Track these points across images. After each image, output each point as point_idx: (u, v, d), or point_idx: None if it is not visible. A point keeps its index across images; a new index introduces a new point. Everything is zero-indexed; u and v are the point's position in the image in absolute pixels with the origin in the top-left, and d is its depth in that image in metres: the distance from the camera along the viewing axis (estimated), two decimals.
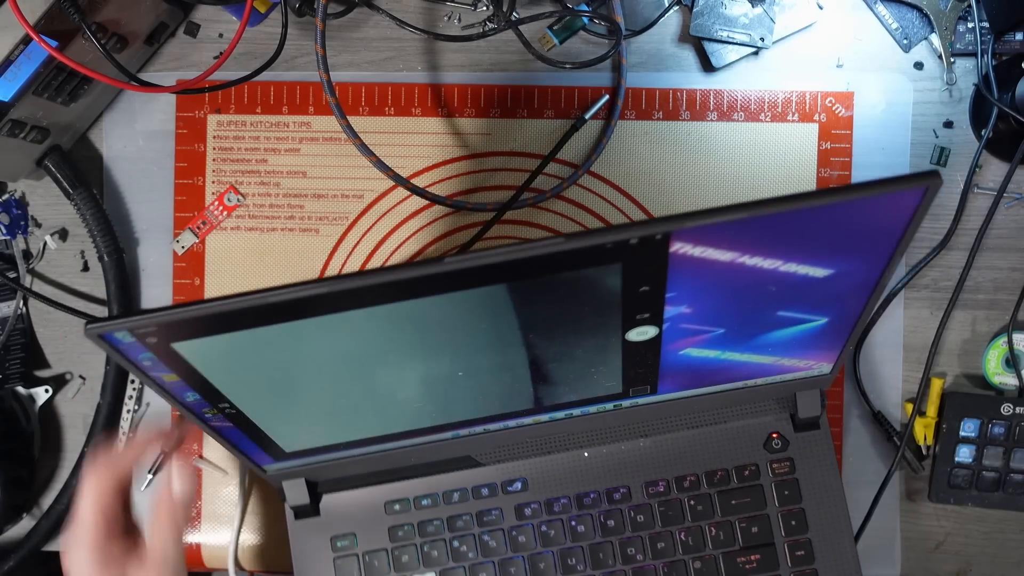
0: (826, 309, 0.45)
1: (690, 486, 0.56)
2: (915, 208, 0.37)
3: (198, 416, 0.46)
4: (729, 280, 0.41)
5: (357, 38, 0.62)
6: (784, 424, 0.56)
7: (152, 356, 0.40)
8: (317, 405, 0.48)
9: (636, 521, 0.55)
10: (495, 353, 0.45)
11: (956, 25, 0.59)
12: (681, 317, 0.44)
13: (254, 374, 0.43)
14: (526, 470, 0.57)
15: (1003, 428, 0.58)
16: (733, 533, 0.55)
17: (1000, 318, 0.61)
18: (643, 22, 0.60)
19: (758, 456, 0.56)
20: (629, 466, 0.56)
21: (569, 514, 0.56)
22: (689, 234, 0.37)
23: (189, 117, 0.63)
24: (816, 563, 0.54)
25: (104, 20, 0.54)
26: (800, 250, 0.40)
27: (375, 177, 0.60)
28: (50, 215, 0.63)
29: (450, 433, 0.53)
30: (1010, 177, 0.59)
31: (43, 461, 0.63)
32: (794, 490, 0.55)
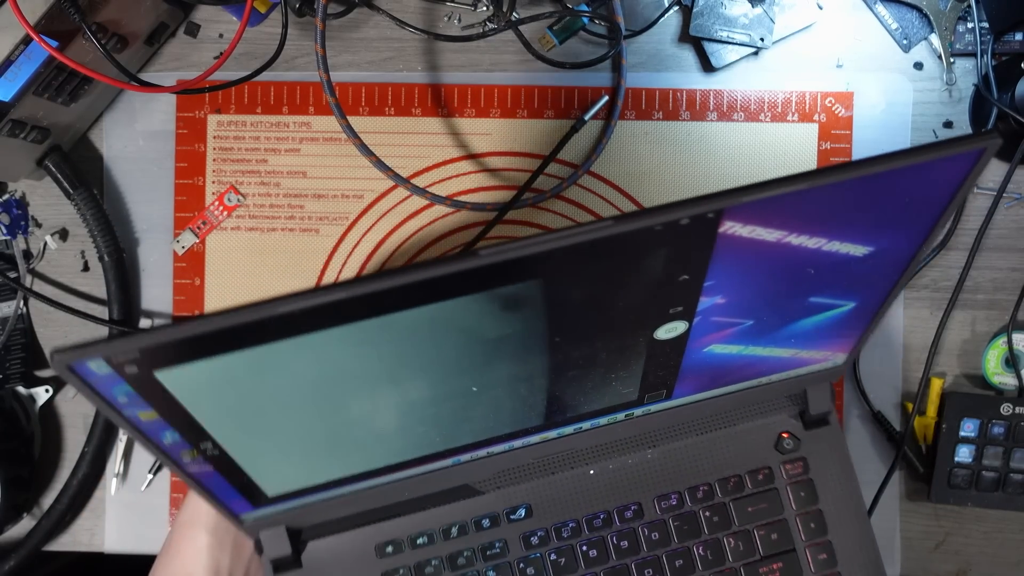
0: (856, 292, 0.43)
1: (703, 496, 0.52)
2: (968, 172, 0.36)
3: (175, 461, 0.41)
4: (769, 263, 0.39)
5: (357, 38, 0.62)
6: (794, 423, 0.54)
7: (129, 390, 0.35)
8: (309, 436, 0.43)
9: (651, 540, 0.52)
10: (515, 363, 0.42)
11: (956, 25, 0.59)
12: (713, 309, 0.41)
13: (241, 405, 0.39)
14: (529, 495, 0.53)
15: (1003, 428, 0.58)
16: (752, 543, 0.52)
17: (1000, 318, 0.61)
18: (643, 22, 0.60)
19: (770, 458, 0.53)
20: (638, 481, 0.53)
21: (579, 539, 0.52)
22: (744, 211, 0.34)
23: (189, 117, 0.63)
24: (839, 566, 0.52)
25: (104, 20, 0.54)
26: (846, 225, 0.38)
27: (375, 177, 0.60)
28: (50, 215, 0.63)
29: (451, 460, 0.50)
30: (1010, 177, 0.59)
31: (43, 461, 0.63)
32: (810, 491, 0.53)
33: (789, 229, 0.37)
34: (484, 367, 0.42)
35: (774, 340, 0.47)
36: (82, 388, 0.34)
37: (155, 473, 0.63)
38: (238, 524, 0.48)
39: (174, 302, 0.63)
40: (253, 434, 0.41)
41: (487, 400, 0.44)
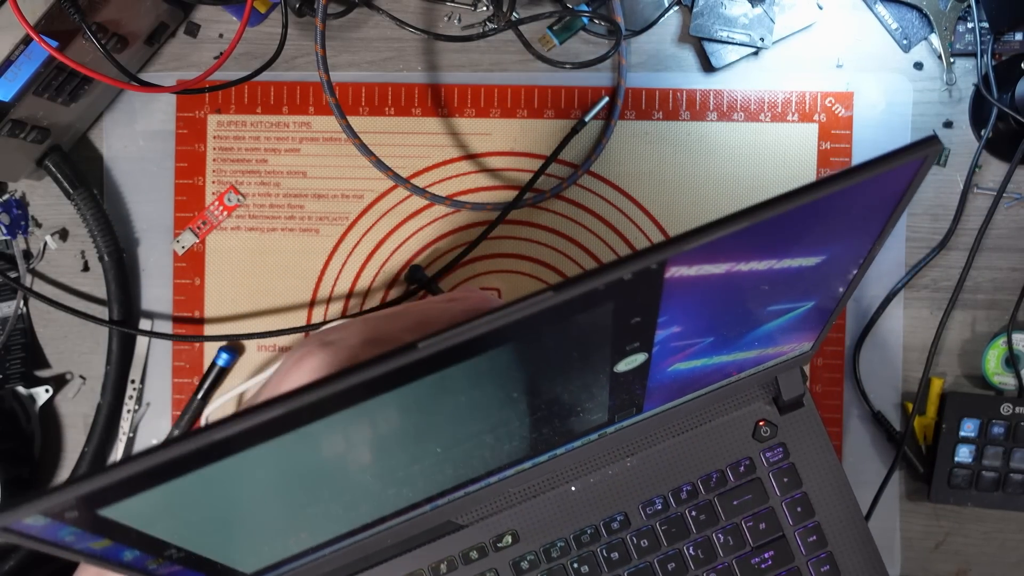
0: (814, 294, 0.44)
1: (688, 496, 0.53)
2: (911, 178, 0.36)
3: (141, 572, 0.39)
4: (721, 290, 0.39)
5: (357, 38, 0.62)
6: (769, 409, 0.54)
7: (75, 530, 0.33)
8: (278, 521, 0.42)
9: (641, 547, 0.52)
10: (476, 422, 0.41)
11: (956, 25, 0.59)
12: (671, 337, 0.41)
13: (200, 515, 0.37)
14: (514, 521, 0.52)
15: (1003, 428, 0.58)
16: (742, 535, 0.52)
17: (1000, 318, 0.61)
18: (643, 22, 0.60)
19: (749, 448, 0.53)
20: (621, 491, 0.53)
21: (569, 557, 0.52)
22: (686, 257, 0.34)
23: (189, 117, 0.63)
24: (830, 545, 0.52)
25: (104, 20, 0.54)
26: (796, 244, 0.38)
27: (375, 177, 0.60)
28: (50, 215, 0.63)
29: (428, 506, 0.49)
30: (1010, 177, 0.59)
31: (43, 461, 0.63)
32: (792, 475, 0.53)
33: (736, 260, 0.36)
34: (447, 431, 0.41)
35: (737, 347, 0.47)
36: (25, 542, 0.32)
37: None
38: None
39: (174, 302, 0.63)
40: (216, 531, 0.40)
41: (455, 456, 0.44)
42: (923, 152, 0.34)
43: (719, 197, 0.61)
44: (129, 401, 0.62)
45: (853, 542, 0.53)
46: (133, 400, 0.62)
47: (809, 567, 0.52)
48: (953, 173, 0.61)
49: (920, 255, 0.61)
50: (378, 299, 0.62)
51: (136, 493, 0.33)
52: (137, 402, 0.63)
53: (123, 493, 0.32)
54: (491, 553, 0.52)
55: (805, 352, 0.52)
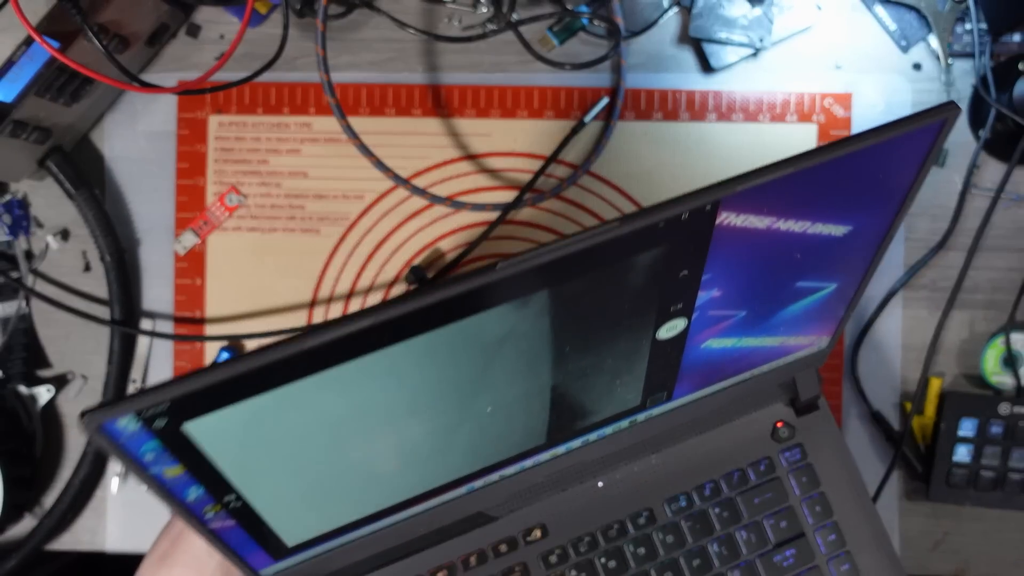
0: (837, 273, 0.46)
1: (711, 494, 0.53)
2: (932, 143, 0.38)
3: (198, 518, 0.40)
4: (760, 252, 0.41)
5: (358, 39, 0.62)
6: (786, 411, 0.55)
7: (157, 445, 0.35)
8: (331, 475, 0.43)
9: (667, 543, 0.52)
10: (528, 376, 0.42)
11: (954, 26, 0.60)
12: (710, 303, 0.43)
13: (266, 450, 0.39)
14: (543, 515, 0.53)
15: (1001, 427, 0.59)
16: (763, 533, 0.53)
17: (998, 318, 0.61)
18: (642, 23, 0.61)
19: (769, 449, 0.54)
20: (646, 487, 0.54)
21: (597, 551, 0.52)
22: (738, 200, 0.37)
23: (190, 118, 0.63)
24: (848, 544, 0.53)
25: (106, 21, 0.55)
26: (828, 204, 0.40)
27: (376, 178, 0.60)
28: (52, 215, 0.64)
29: (465, 488, 0.50)
30: (1008, 177, 0.59)
31: (45, 461, 0.64)
32: (811, 475, 0.54)
33: (777, 215, 0.39)
34: (499, 384, 0.42)
35: (764, 329, 0.48)
36: (111, 448, 0.33)
37: None
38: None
39: (175, 302, 0.63)
40: (276, 480, 0.41)
41: (501, 419, 0.45)
42: (943, 115, 0.37)
43: None
44: None
45: (871, 543, 0.53)
46: None
47: (830, 566, 0.53)
48: (952, 173, 0.61)
49: (919, 255, 0.61)
50: (378, 299, 0.63)
51: (218, 407, 0.35)
52: None
53: (209, 405, 0.34)
54: (521, 546, 0.52)
55: (821, 350, 0.53)
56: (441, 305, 0.34)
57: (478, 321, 0.37)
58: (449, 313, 0.35)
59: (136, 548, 0.63)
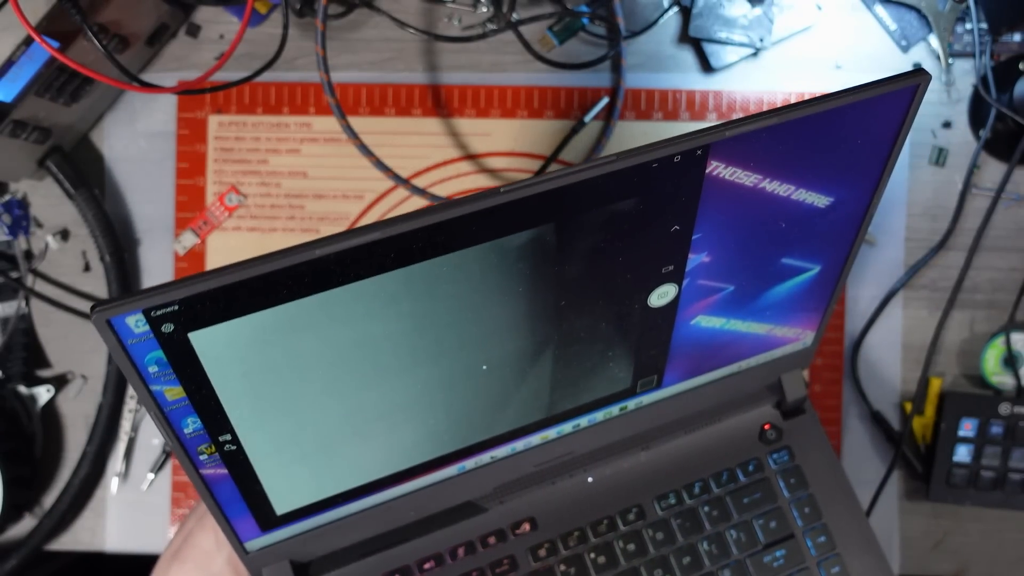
0: (820, 253, 0.47)
1: (701, 492, 0.53)
2: (905, 110, 0.40)
3: (191, 457, 0.40)
4: (748, 214, 0.42)
5: (357, 39, 0.62)
6: (773, 414, 0.56)
7: (161, 356, 0.35)
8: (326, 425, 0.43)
9: (656, 540, 0.52)
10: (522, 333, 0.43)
11: (954, 26, 0.59)
12: (699, 270, 0.44)
13: (264, 383, 0.39)
14: (532, 508, 0.52)
15: (1001, 428, 0.59)
16: (753, 533, 0.53)
17: (998, 318, 0.61)
18: (642, 23, 0.61)
19: (757, 450, 0.55)
20: (636, 483, 0.53)
21: (586, 546, 0.52)
22: (725, 148, 0.38)
23: (190, 118, 0.63)
24: (838, 548, 0.53)
25: (105, 21, 0.55)
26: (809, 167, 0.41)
27: (375, 177, 0.60)
28: (52, 215, 0.64)
29: (456, 468, 0.50)
30: (1008, 177, 0.59)
31: (45, 461, 0.64)
32: (799, 477, 0.54)
33: (763, 173, 0.41)
34: (496, 337, 0.43)
35: (751, 312, 0.49)
36: (117, 350, 0.34)
37: (157, 472, 0.63)
38: (243, 554, 0.47)
39: None
40: (271, 425, 0.41)
41: (496, 382, 0.45)
42: (915, 80, 0.39)
43: None
44: (130, 401, 0.63)
45: (859, 545, 0.53)
46: (134, 400, 0.63)
47: (820, 569, 0.53)
48: (952, 173, 0.61)
49: (919, 255, 0.61)
50: None
51: (225, 318, 0.36)
52: (138, 402, 0.63)
53: (216, 314, 0.35)
54: (510, 539, 0.52)
55: (807, 348, 0.53)
56: (443, 227, 0.36)
57: (479, 253, 0.38)
58: (450, 239, 0.37)
59: (136, 548, 0.63)
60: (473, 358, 0.43)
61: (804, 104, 0.38)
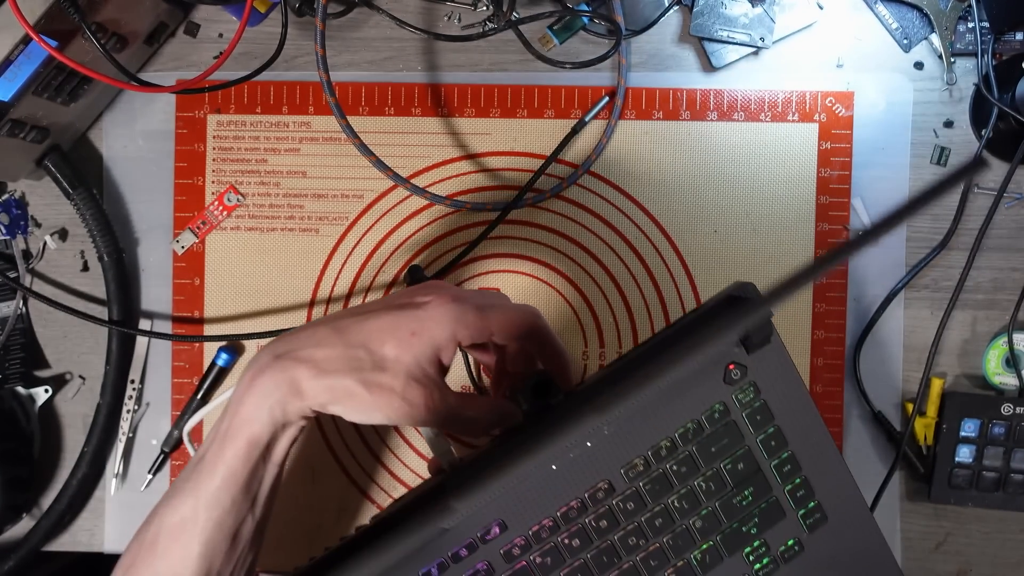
0: None
1: (667, 453, 0.52)
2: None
3: None
4: None
5: (357, 38, 0.62)
6: (737, 351, 0.54)
7: None
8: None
9: (627, 510, 0.52)
10: None
11: (956, 25, 0.59)
12: None
13: None
14: (498, 511, 0.51)
15: (1003, 428, 0.58)
16: (722, 478, 0.53)
17: (1000, 318, 0.61)
18: (643, 22, 0.60)
19: (722, 393, 0.53)
20: (601, 459, 0.52)
21: (559, 535, 0.51)
22: None
23: (189, 117, 0.63)
24: (804, 471, 0.53)
25: (104, 20, 0.54)
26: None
27: (375, 177, 0.60)
28: (50, 215, 0.63)
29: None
30: (1010, 177, 0.59)
31: (43, 461, 0.63)
32: (764, 412, 0.53)
33: None
34: None
35: None
36: None
37: (155, 473, 0.63)
38: None
39: (174, 302, 0.63)
40: None
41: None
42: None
43: (719, 197, 0.61)
44: (129, 401, 0.62)
45: (826, 465, 0.53)
46: (133, 400, 0.62)
47: (786, 494, 0.53)
48: None
49: (920, 255, 0.61)
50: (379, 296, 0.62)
51: None
52: (137, 402, 0.63)
53: None
54: (480, 547, 0.51)
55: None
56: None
57: None
58: None
59: None
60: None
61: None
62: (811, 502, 0.53)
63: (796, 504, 0.53)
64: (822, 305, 0.61)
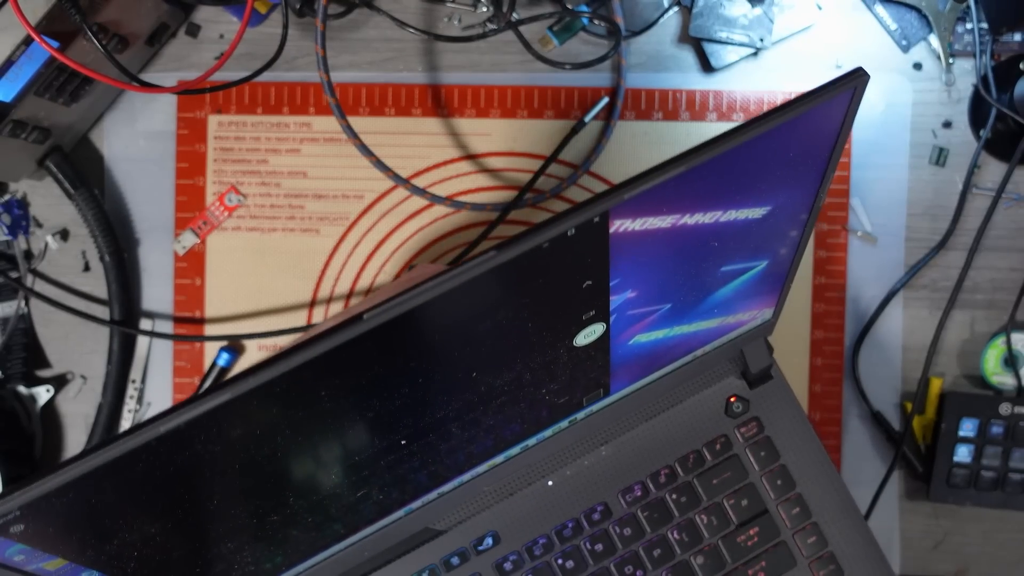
0: (766, 251, 0.42)
1: (667, 480, 0.51)
2: (844, 114, 0.35)
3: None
4: (671, 247, 0.38)
5: (357, 39, 0.62)
6: (739, 384, 0.53)
7: (23, 548, 0.33)
8: (237, 533, 0.40)
9: (624, 536, 0.51)
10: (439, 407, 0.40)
11: (955, 26, 0.59)
12: (626, 304, 0.40)
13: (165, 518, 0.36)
14: (493, 522, 0.51)
15: (1001, 428, 0.58)
16: (725, 514, 0.51)
17: (999, 318, 0.61)
18: (643, 23, 0.60)
19: (723, 426, 0.52)
20: (598, 481, 0.52)
21: (553, 553, 0.51)
22: (628, 207, 0.33)
23: (190, 118, 0.63)
24: (814, 516, 0.51)
25: (105, 21, 0.54)
26: (738, 193, 0.36)
27: (375, 177, 0.60)
28: (51, 215, 0.64)
29: (403, 510, 0.48)
30: (1009, 177, 0.59)
31: (44, 461, 0.63)
32: (769, 448, 0.52)
33: (681, 211, 0.36)
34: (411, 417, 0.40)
35: (697, 315, 0.45)
36: None
37: None
38: None
39: (175, 302, 0.63)
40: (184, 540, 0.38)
41: (421, 450, 0.43)
42: (851, 84, 0.34)
43: None
44: (130, 401, 0.62)
45: (836, 508, 0.52)
46: (134, 400, 0.62)
47: (795, 539, 0.51)
48: (952, 173, 0.61)
49: (919, 255, 0.61)
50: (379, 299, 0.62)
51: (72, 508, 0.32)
52: (138, 402, 0.63)
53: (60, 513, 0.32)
54: (473, 557, 0.51)
55: (767, 320, 0.50)
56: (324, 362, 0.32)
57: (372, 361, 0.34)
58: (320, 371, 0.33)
59: None
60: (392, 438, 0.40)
61: (718, 140, 0.33)
62: (822, 549, 0.51)
63: (807, 551, 0.51)
64: (821, 305, 0.61)
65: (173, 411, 0.30)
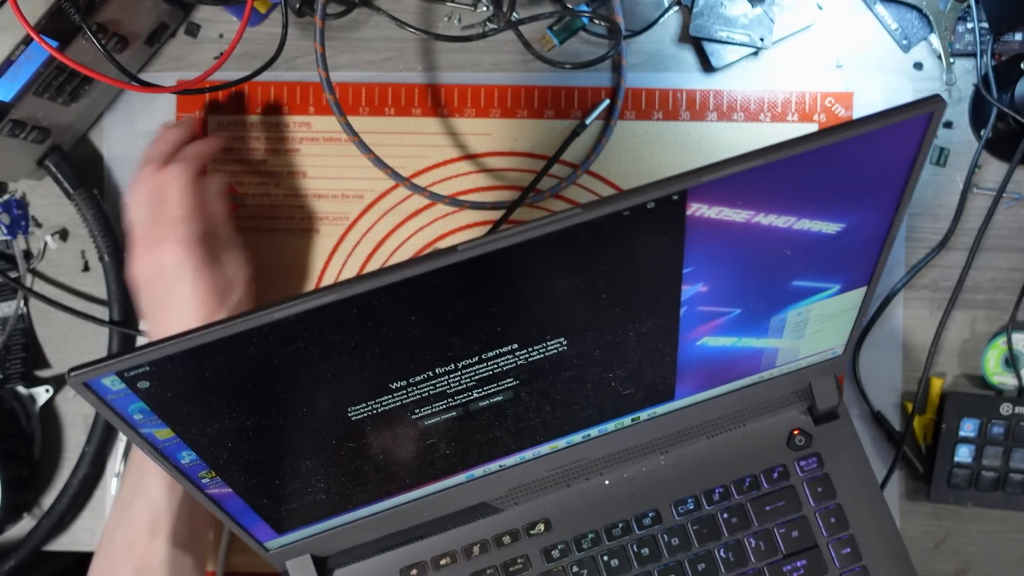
0: (838, 274, 0.44)
1: (720, 498, 0.52)
2: (920, 139, 0.37)
3: (194, 483, 0.42)
4: (744, 246, 0.40)
5: (357, 38, 0.62)
6: (804, 419, 0.54)
7: (143, 407, 0.37)
8: (322, 458, 0.44)
9: (671, 545, 0.52)
10: (512, 366, 0.43)
11: (955, 25, 0.59)
12: (698, 298, 0.42)
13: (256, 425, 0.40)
14: (547, 509, 0.53)
15: (1002, 428, 0.58)
16: (773, 541, 0.52)
17: (999, 318, 0.61)
18: (643, 22, 0.60)
19: (783, 456, 0.53)
20: (653, 488, 0.53)
21: (600, 549, 0.52)
22: (706, 191, 0.36)
23: (189, 117, 0.63)
24: (864, 559, 0.52)
25: (105, 20, 0.54)
26: (812, 199, 0.39)
27: (375, 177, 0.60)
28: (51, 215, 0.63)
29: (464, 476, 0.50)
30: (1009, 177, 0.59)
31: (44, 461, 0.63)
32: (827, 486, 0.53)
33: (756, 208, 0.38)
34: (486, 366, 0.42)
35: (766, 330, 0.47)
36: (99, 406, 0.35)
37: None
38: (263, 553, 0.48)
39: None
40: (268, 454, 0.42)
41: (491, 408, 0.45)
42: (928, 108, 0.36)
43: None
44: None
45: (888, 557, 0.52)
46: None
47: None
48: (953, 173, 0.61)
49: (920, 255, 0.61)
50: None
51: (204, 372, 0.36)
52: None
53: (193, 369, 0.36)
54: (523, 539, 0.52)
55: (838, 357, 0.52)
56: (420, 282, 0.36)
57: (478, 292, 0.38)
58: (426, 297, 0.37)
59: None
60: (465, 379, 0.43)
61: (793, 143, 0.35)
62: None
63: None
64: None
65: (284, 303, 0.35)
